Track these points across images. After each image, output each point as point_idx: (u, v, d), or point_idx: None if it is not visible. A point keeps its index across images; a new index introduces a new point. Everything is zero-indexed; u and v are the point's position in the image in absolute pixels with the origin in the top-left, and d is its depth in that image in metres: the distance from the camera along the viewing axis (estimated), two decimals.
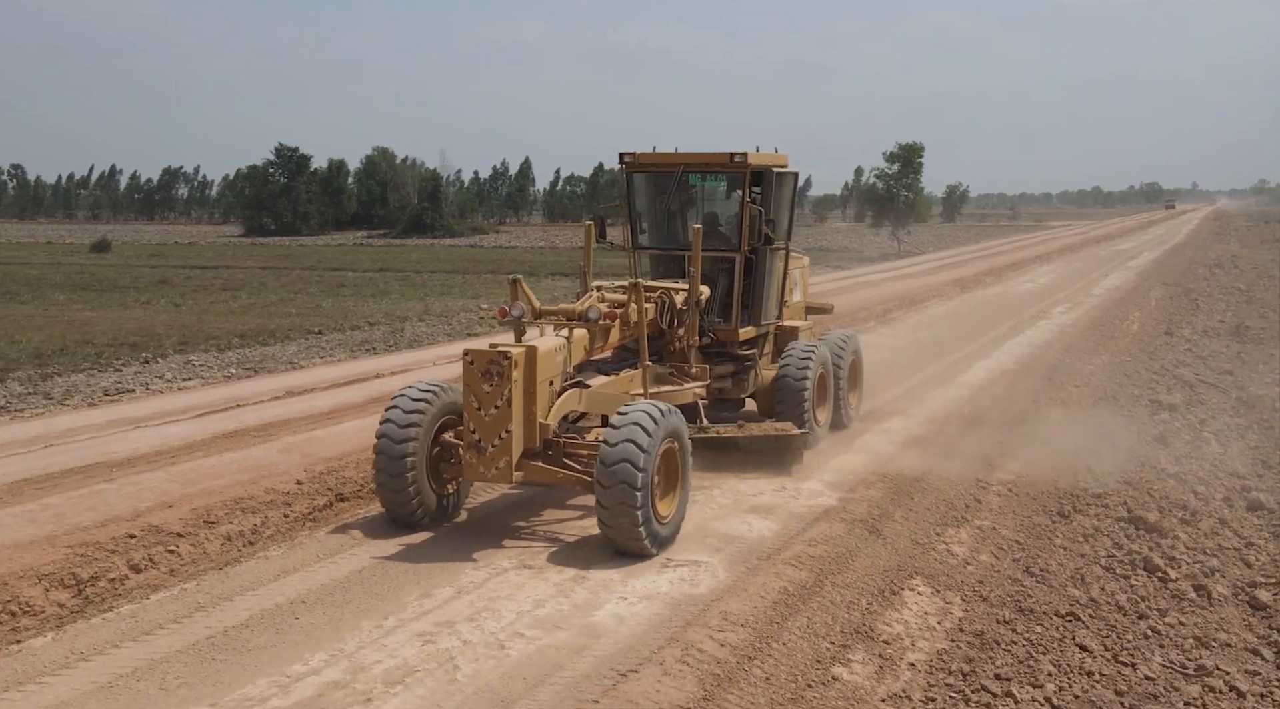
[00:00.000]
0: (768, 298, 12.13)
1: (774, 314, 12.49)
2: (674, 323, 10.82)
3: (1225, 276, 41.67)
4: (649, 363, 10.23)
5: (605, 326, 9.82)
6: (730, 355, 11.84)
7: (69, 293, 40.28)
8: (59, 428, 13.29)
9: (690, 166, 11.67)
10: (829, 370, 12.40)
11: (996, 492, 11.07)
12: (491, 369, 8.40)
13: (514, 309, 9.70)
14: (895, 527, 9.47)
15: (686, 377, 11.02)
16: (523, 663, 6.50)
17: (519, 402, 8.52)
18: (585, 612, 7.38)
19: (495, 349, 8.54)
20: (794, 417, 11.44)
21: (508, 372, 8.37)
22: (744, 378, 11.98)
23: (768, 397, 11.97)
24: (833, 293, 28.77)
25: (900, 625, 7.59)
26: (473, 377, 8.46)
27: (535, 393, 8.69)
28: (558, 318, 9.81)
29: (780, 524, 9.41)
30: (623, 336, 10.30)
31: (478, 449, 8.49)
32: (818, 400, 12.01)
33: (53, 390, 17.89)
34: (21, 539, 8.42)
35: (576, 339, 9.52)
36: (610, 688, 6.09)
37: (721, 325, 11.63)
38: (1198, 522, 11.47)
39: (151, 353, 22.60)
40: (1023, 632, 7.94)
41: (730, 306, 11.64)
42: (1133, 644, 8.24)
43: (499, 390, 8.38)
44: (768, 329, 12.45)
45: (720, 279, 11.64)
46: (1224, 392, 18.79)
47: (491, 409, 8.41)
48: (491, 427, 8.42)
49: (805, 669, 6.66)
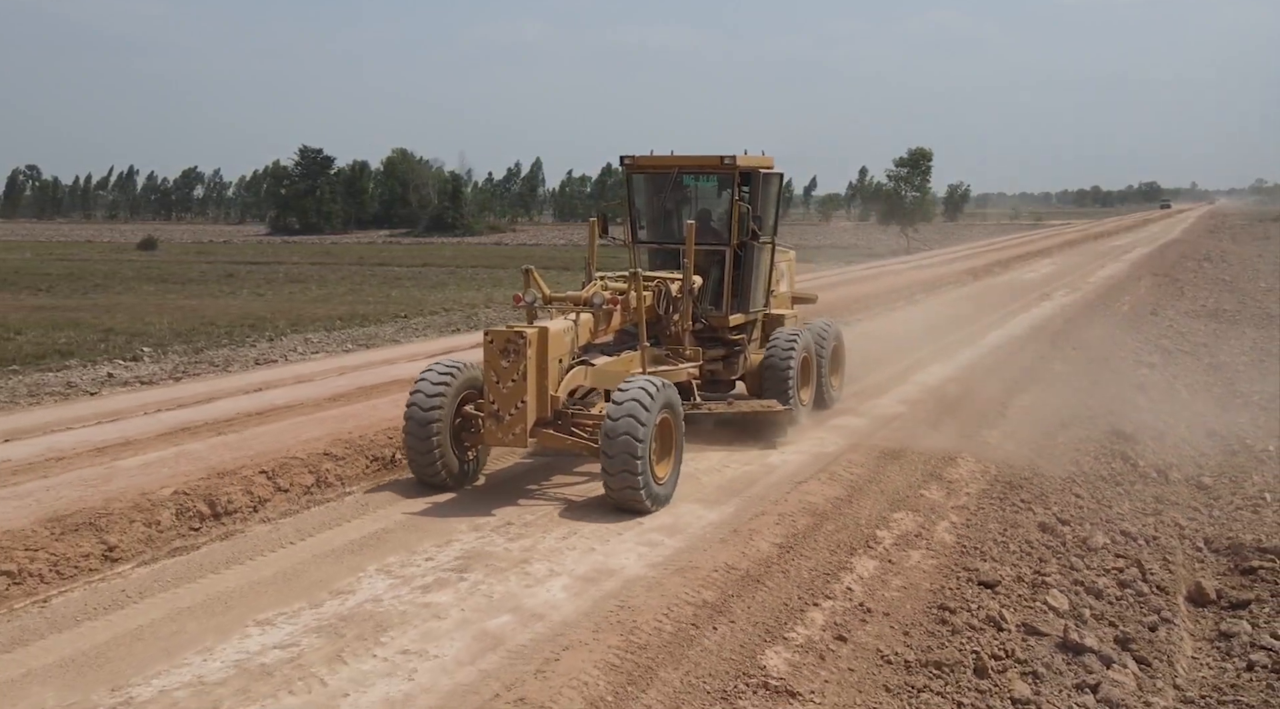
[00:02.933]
0: (755, 288, 13.01)
1: (761, 303, 13.37)
2: (670, 309, 11.71)
3: (1212, 269, 45.54)
4: (647, 344, 11.13)
5: (608, 312, 10.78)
6: (721, 340, 12.78)
7: (152, 285, 43.08)
8: (255, 380, 15.98)
9: (685, 168, 12.53)
10: (812, 355, 13.37)
11: (1016, 410, 15.15)
12: (509, 347, 9.39)
13: (527, 296, 10.64)
14: (947, 426, 13.60)
15: (681, 358, 11.89)
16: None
17: (533, 376, 9.47)
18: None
19: (512, 329, 9.58)
20: (779, 395, 12.44)
21: (523, 349, 9.36)
22: (734, 361, 12.95)
23: (755, 378, 12.98)
24: (863, 279, 32.95)
25: (957, 475, 11.69)
26: (492, 353, 9.44)
27: (547, 369, 9.68)
28: (566, 304, 10.80)
29: (869, 420, 13.72)
30: (623, 321, 11.21)
31: (496, 417, 9.48)
32: (801, 381, 12.95)
33: (214, 359, 21.30)
34: (283, 443, 10.89)
35: (583, 323, 10.42)
36: (792, 490, 10.13)
37: (713, 312, 12.56)
38: (1163, 438, 15.44)
39: (273, 332, 25.81)
40: (1036, 484, 11.99)
41: (721, 295, 12.60)
42: (1110, 496, 12.28)
43: (515, 366, 9.38)
44: (756, 316, 13.31)
45: (712, 270, 12.57)
46: (1197, 358, 22.78)
47: (509, 382, 9.40)
48: (508, 397, 9.42)
49: (903, 489, 10.80)
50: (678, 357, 11.88)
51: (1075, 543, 10.37)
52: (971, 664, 7.45)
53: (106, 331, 25.30)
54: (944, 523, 10.18)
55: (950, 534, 9.92)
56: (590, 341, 10.80)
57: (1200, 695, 8.18)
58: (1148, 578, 9.90)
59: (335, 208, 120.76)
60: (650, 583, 7.69)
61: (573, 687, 6.03)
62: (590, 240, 12.33)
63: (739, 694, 6.38)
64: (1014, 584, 9.04)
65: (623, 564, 8.14)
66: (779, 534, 8.92)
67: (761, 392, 12.77)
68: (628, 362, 11.05)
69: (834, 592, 8.09)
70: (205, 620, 6.98)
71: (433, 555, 8.42)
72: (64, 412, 13.46)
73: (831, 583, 8.23)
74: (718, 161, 12.20)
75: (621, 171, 12.84)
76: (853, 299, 25.61)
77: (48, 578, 7.44)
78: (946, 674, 7.24)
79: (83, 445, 10.64)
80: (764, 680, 6.55)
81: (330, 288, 42.05)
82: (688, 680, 6.42)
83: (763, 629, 7.25)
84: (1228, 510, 12.68)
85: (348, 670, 6.18)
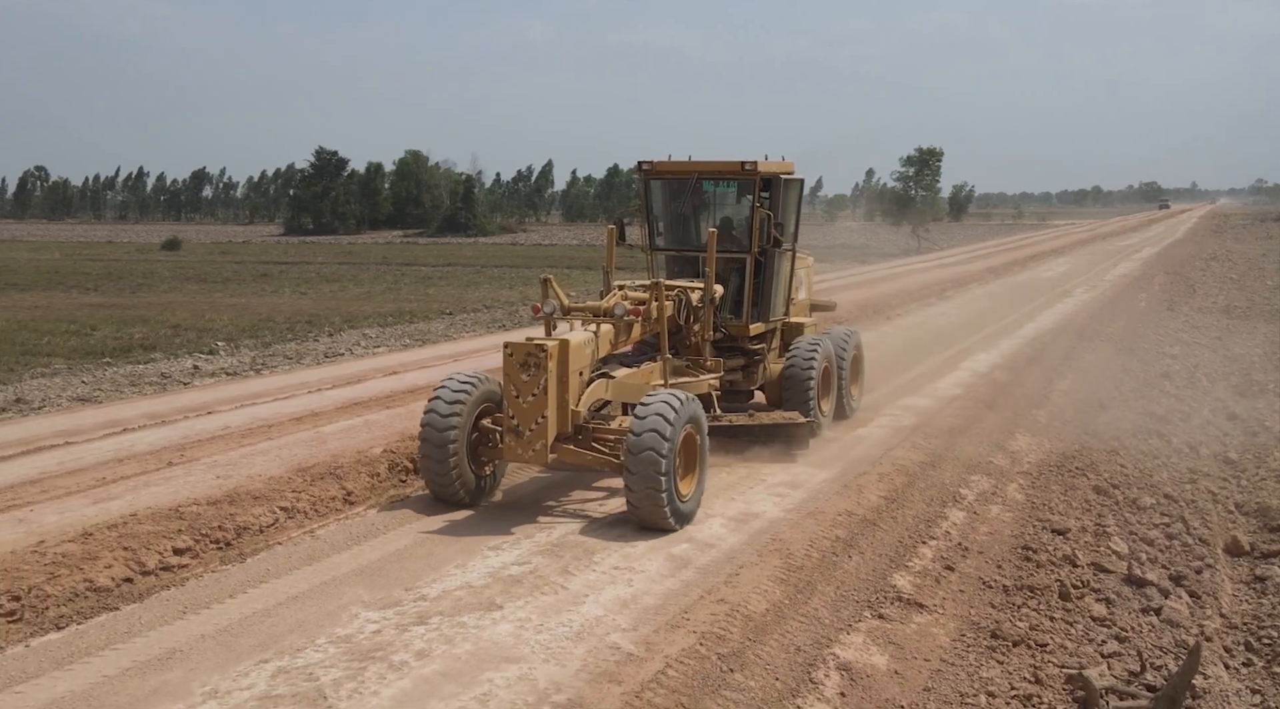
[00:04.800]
0: (776, 296, 12.68)
1: (781, 311, 13.07)
2: (690, 319, 11.43)
3: (1220, 268, 47.12)
4: (669, 356, 10.92)
5: (629, 323, 10.52)
6: (741, 349, 12.47)
7: (194, 284, 43.97)
8: (346, 372, 17.13)
9: (704, 174, 12.27)
10: (832, 364, 13.14)
11: (1057, 394, 16.74)
12: (529, 360, 9.13)
13: (546, 306, 10.35)
14: (1001, 406, 15.22)
15: (702, 369, 11.64)
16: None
17: (553, 390, 9.22)
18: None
19: (532, 342, 9.27)
20: (800, 406, 12.18)
21: (544, 363, 9.11)
22: (754, 370, 12.68)
23: (775, 388, 12.70)
24: (892, 277, 34.53)
25: (1017, 447, 13.29)
26: (512, 367, 9.19)
27: (567, 382, 9.38)
28: (585, 314, 10.45)
29: (933, 400, 15.29)
30: (644, 332, 10.94)
31: (516, 433, 9.22)
32: (821, 391, 12.70)
33: (285, 353, 22.29)
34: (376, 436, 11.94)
35: (603, 334, 10.19)
36: (854, 474, 11.71)
37: (733, 321, 12.25)
38: (1190, 419, 16.99)
39: (330, 328, 27.02)
40: (1085, 456, 13.55)
41: (741, 304, 12.27)
42: (1150, 467, 13.83)
43: (535, 380, 9.13)
44: (776, 325, 13.02)
45: (732, 278, 12.25)
46: (1213, 351, 24.32)
47: (529, 396, 9.14)
48: (529, 412, 9.16)
49: (974, 457, 12.45)
50: (698, 367, 11.66)
51: (1126, 503, 11.94)
52: (1056, 589, 9.02)
53: (174, 327, 26.77)
54: (1013, 485, 11.76)
55: (1020, 493, 11.50)
56: (610, 353, 10.59)
57: (1242, 622, 9.77)
58: (1191, 532, 11.47)
59: (350, 209, 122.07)
60: (790, 523, 9.34)
61: (756, 593, 7.62)
62: (608, 248, 12.08)
63: (881, 604, 7.98)
64: (1080, 533, 10.61)
65: (764, 509, 9.80)
66: (883, 490, 10.54)
67: (782, 402, 12.52)
68: (648, 374, 10.81)
69: (936, 534, 9.69)
70: (449, 546, 8.66)
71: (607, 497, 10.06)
72: (205, 395, 15.09)
73: (932, 527, 9.84)
74: (738, 167, 11.94)
75: (639, 177, 12.58)
76: (890, 295, 27.25)
77: (309, 514, 9.10)
78: (1037, 596, 8.81)
79: (278, 417, 12.25)
80: (897, 595, 8.16)
81: (367, 286, 43.17)
82: (840, 593, 8.03)
83: (886, 559, 8.85)
84: (1254, 481, 14.23)
85: (578, 579, 7.82)
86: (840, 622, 7.58)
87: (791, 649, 7.01)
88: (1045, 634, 8.11)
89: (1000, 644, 7.79)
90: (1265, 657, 9.19)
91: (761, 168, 11.89)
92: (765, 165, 11.97)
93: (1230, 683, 8.56)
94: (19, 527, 8.55)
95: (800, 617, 7.51)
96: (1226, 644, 9.35)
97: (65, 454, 11.05)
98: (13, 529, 8.48)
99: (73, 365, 19.87)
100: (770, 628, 7.26)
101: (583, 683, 6.18)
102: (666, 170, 12.39)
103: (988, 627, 8.06)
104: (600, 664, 6.45)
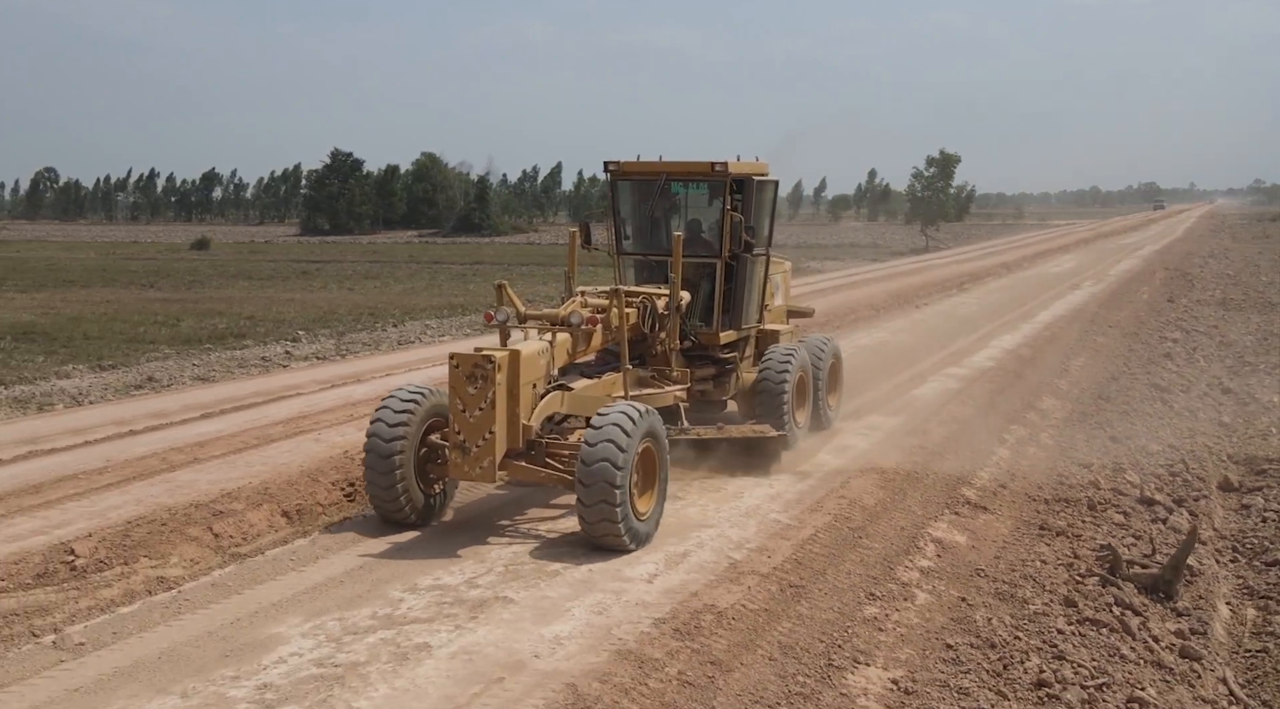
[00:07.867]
0: (748, 302, 12.21)
1: (754, 318, 12.53)
2: (655, 327, 10.88)
3: (1217, 265, 49.60)
4: (630, 366, 10.34)
5: (588, 331, 9.99)
6: (712, 358, 11.91)
7: (243, 281, 45.77)
8: (430, 354, 19.26)
9: (673, 175, 11.82)
10: (808, 373, 12.52)
11: (1074, 368, 19.39)
12: (476, 372, 8.59)
13: (499, 313, 9.79)
14: (1028, 376, 17.88)
15: (668, 380, 11.16)
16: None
17: (502, 403, 8.69)
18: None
19: (479, 353, 8.71)
20: (773, 418, 11.61)
21: (491, 374, 8.57)
22: (725, 380, 12.05)
23: (748, 398, 12.15)
24: (912, 272, 37.20)
25: (1045, 406, 16.00)
26: (458, 379, 8.65)
27: (519, 395, 8.85)
28: (542, 322, 9.98)
29: (970, 370, 17.90)
30: (605, 340, 10.42)
31: (463, 449, 8.69)
32: (797, 402, 12.11)
33: (362, 340, 24.16)
34: None
35: (560, 343, 9.69)
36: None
37: (703, 329, 11.75)
38: (1189, 391, 19.57)
39: (394, 319, 29.12)
40: (1102, 414, 16.15)
41: (711, 311, 11.77)
42: (1155, 425, 16.39)
43: (483, 393, 8.58)
44: (749, 333, 12.49)
45: (702, 284, 11.76)
46: (1210, 337, 26.89)
47: (476, 411, 8.61)
48: (476, 427, 8.62)
49: (1011, 413, 15.15)
50: (664, 378, 11.18)
51: (1137, 449, 14.50)
52: (1086, 503, 11.65)
53: (249, 319, 28.96)
54: (1044, 434, 14.37)
55: (1051, 439, 14.12)
56: (569, 363, 10.11)
57: (1230, 534, 12.41)
58: (1190, 472, 14.05)
59: (367, 209, 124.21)
60: (878, 452, 12.07)
61: (865, 493, 10.20)
62: (570, 252, 11.65)
63: (955, 505, 10.65)
64: (1101, 468, 13.17)
65: (854, 442, 12.64)
66: (943, 433, 13.21)
67: (755, 413, 11.97)
68: (609, 385, 10.30)
69: (988, 464, 12.34)
70: None
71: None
72: (302, 375, 17.33)
73: (985, 459, 12.49)
74: (708, 168, 11.50)
75: (605, 178, 12.14)
76: (915, 287, 29.92)
77: None
78: (1071, 507, 11.45)
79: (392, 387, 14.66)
80: (966, 500, 10.77)
81: (407, 283, 45.07)
82: (925, 496, 10.65)
83: (955, 478, 11.52)
84: (1244, 438, 16.84)
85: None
86: (928, 515, 10.24)
87: (898, 527, 9.63)
88: (1079, 530, 10.72)
89: (1046, 533, 10.48)
90: (1246, 555, 11.86)
91: (733, 169, 11.50)
92: (737, 166, 11.59)
93: (1219, 570, 11.19)
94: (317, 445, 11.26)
95: (899, 510, 10.13)
96: (1218, 547, 11.97)
97: (256, 414, 13.51)
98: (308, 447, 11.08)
99: (180, 351, 22.20)
100: (880, 515, 9.87)
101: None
102: (634, 171, 11.96)
103: (1035, 522, 10.76)
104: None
